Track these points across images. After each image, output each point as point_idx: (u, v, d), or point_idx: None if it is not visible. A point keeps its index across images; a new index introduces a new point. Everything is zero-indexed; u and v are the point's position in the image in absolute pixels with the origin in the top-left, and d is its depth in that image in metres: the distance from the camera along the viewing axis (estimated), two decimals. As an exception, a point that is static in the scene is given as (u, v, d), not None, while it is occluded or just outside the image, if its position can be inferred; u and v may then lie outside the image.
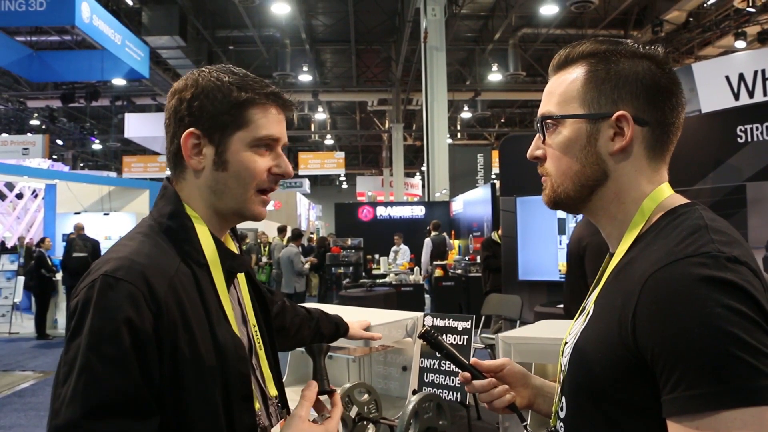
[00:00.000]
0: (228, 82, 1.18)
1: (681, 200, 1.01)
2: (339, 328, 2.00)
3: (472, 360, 1.28)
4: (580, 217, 6.01)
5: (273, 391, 1.26)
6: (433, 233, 12.43)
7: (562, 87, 1.06)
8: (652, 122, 1.00)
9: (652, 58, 1.02)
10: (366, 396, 3.41)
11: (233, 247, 1.31)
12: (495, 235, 8.69)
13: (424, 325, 1.41)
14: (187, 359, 1.06)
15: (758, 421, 0.76)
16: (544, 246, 7.10)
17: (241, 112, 1.18)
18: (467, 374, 1.27)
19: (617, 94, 1.00)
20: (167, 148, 1.23)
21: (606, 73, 1.02)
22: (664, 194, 1.02)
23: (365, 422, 3.35)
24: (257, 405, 1.18)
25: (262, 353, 1.26)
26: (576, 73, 1.05)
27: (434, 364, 4.75)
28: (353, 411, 3.32)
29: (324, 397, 1.24)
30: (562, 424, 1.07)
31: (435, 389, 4.62)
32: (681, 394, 0.80)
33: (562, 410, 1.07)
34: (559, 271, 6.98)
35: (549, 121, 1.06)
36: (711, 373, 0.77)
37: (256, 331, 1.27)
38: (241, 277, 1.29)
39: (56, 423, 0.96)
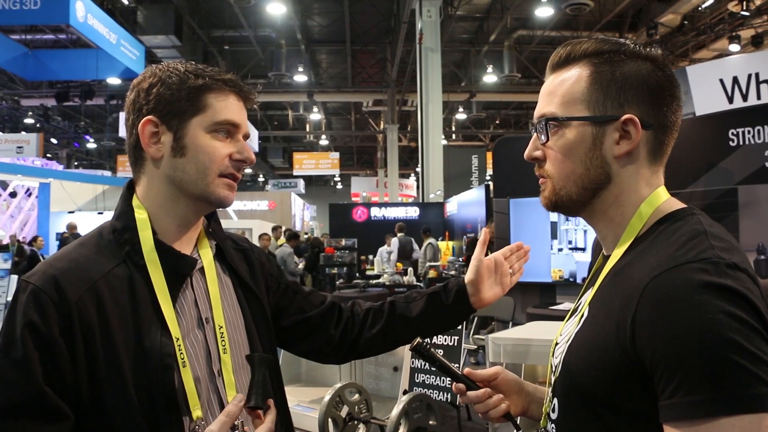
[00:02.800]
0: (184, 71, 1.19)
1: (678, 204, 1.01)
2: (438, 298, 1.50)
3: (466, 370, 1.27)
4: (572, 219, 6.03)
5: None
6: (398, 234, 12.42)
7: (564, 87, 1.03)
8: (655, 125, 1.00)
9: (653, 60, 1.01)
10: (357, 396, 3.43)
11: (206, 244, 1.29)
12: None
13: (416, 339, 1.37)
14: (104, 364, 1.06)
15: (756, 428, 0.76)
16: (537, 248, 7.10)
17: (198, 98, 1.18)
18: (461, 385, 1.25)
19: (623, 96, 0.99)
20: (127, 142, 1.22)
21: (611, 75, 1.00)
22: (661, 198, 1.01)
23: (356, 422, 3.36)
24: (198, 413, 1.13)
25: (226, 357, 1.21)
26: (579, 73, 1.02)
27: (425, 364, 4.76)
28: (344, 411, 3.33)
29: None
30: (553, 425, 1.06)
31: (426, 389, 4.63)
32: (680, 400, 0.80)
33: (553, 411, 1.06)
34: (552, 277, 7.00)
35: (552, 122, 1.03)
36: (710, 380, 0.77)
37: (222, 333, 1.22)
38: (211, 276, 1.25)
39: None
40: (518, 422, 1.29)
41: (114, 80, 17.86)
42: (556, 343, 1.10)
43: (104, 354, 1.06)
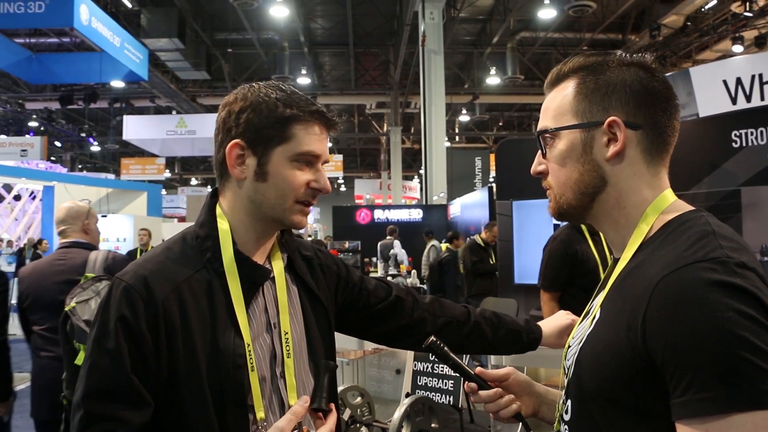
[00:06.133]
0: (275, 98, 1.25)
1: (686, 207, 1.02)
2: (519, 337, 1.62)
3: (477, 370, 1.28)
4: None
5: (294, 401, 1.27)
6: (388, 237, 12.37)
7: (556, 102, 1.09)
8: (644, 125, 1.02)
9: (641, 65, 1.05)
10: (359, 399, 3.42)
11: (279, 255, 1.36)
12: (479, 239, 8.48)
13: (430, 338, 1.40)
14: (183, 358, 1.16)
15: None
16: (540, 251, 7.08)
17: (285, 128, 1.24)
18: (473, 385, 1.27)
19: (607, 101, 1.03)
20: (215, 157, 1.31)
21: (595, 84, 1.05)
22: (668, 200, 1.03)
23: (358, 425, 3.36)
24: (261, 414, 1.21)
25: (289, 361, 1.29)
26: (568, 88, 1.08)
27: (428, 367, 4.76)
28: (346, 414, 3.33)
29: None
30: (566, 426, 1.07)
31: (428, 392, 4.62)
32: (692, 397, 0.80)
33: (567, 413, 1.07)
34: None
35: (547, 135, 1.10)
36: (722, 377, 0.78)
37: (287, 339, 1.29)
38: (281, 285, 1.33)
39: (74, 399, 1.15)
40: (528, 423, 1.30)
41: (118, 83, 17.94)
42: (569, 346, 1.11)
43: (183, 350, 1.17)
